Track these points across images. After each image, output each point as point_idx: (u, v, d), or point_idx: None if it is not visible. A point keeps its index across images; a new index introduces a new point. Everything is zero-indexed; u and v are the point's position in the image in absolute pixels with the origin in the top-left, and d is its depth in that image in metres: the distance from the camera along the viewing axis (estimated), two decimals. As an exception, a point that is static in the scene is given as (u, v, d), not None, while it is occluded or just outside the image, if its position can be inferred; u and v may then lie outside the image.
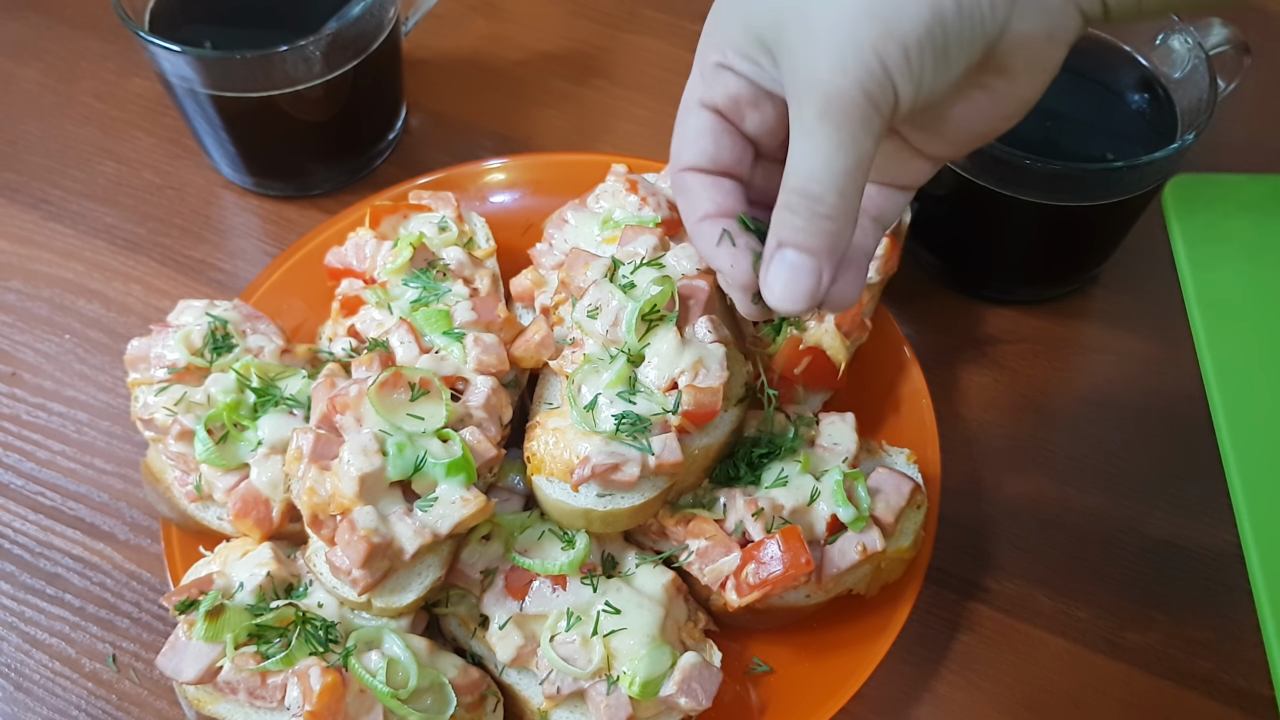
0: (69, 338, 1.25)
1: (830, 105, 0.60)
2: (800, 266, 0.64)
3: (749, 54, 0.65)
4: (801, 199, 0.63)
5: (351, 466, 0.87)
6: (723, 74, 0.68)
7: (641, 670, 0.88)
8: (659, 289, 0.94)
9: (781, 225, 0.64)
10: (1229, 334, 1.20)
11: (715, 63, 0.67)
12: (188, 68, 1.16)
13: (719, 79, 0.68)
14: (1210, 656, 1.03)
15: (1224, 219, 1.30)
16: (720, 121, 0.69)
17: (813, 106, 0.61)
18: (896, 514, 0.95)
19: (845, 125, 0.61)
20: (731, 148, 0.70)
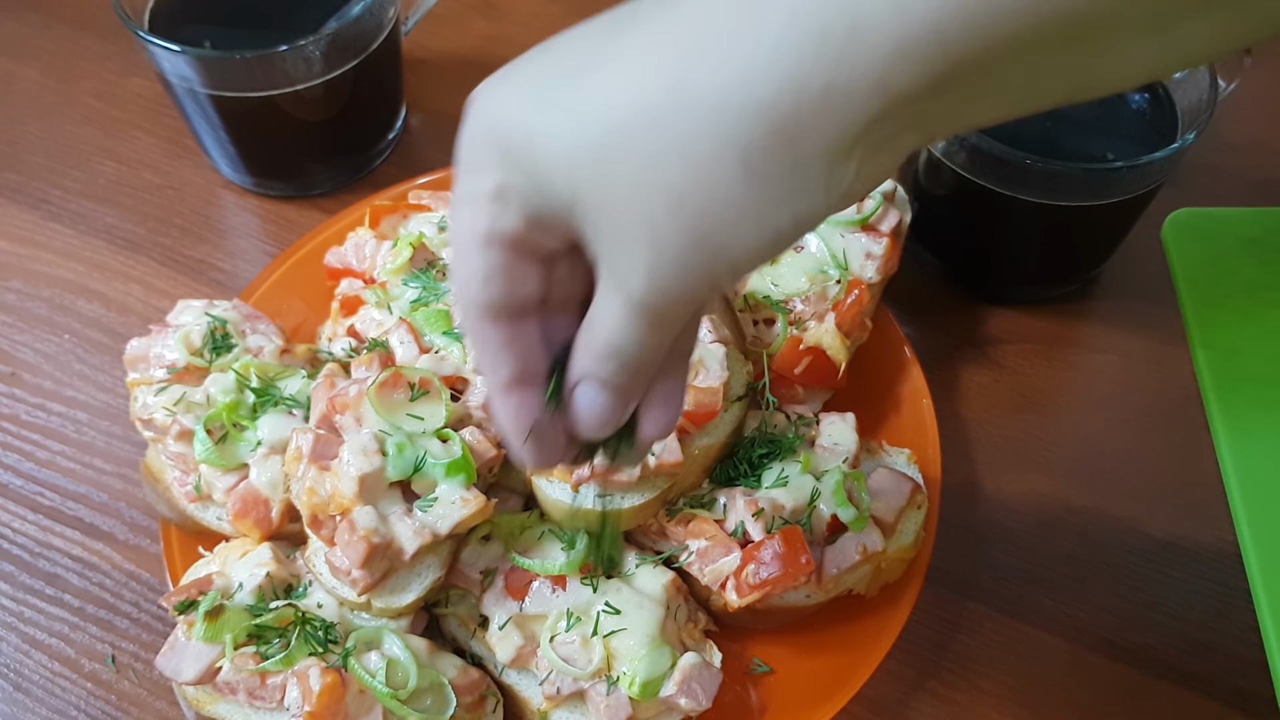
0: (68, 338, 1.25)
1: (644, 309, 0.55)
2: (604, 402, 0.62)
3: (537, 200, 0.54)
4: (609, 360, 0.59)
5: (351, 466, 0.87)
6: (506, 204, 0.56)
7: (641, 670, 0.88)
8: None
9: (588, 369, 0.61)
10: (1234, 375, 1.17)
11: (494, 190, 0.55)
12: (188, 68, 1.16)
13: (503, 209, 0.56)
14: (1210, 656, 1.03)
15: (1226, 256, 1.28)
16: (514, 254, 0.58)
17: (625, 299, 0.55)
18: (896, 514, 0.95)
19: (661, 323, 0.56)
20: (531, 278, 0.60)
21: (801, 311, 1.06)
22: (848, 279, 1.07)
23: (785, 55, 0.45)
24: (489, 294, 0.59)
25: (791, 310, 1.06)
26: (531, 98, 0.53)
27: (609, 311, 0.57)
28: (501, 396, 0.63)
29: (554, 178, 0.53)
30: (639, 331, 0.56)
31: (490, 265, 0.58)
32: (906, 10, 0.43)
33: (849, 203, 0.52)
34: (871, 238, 1.09)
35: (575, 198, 0.53)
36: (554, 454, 0.65)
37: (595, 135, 0.50)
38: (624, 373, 0.60)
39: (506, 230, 0.57)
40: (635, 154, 0.49)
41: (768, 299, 1.07)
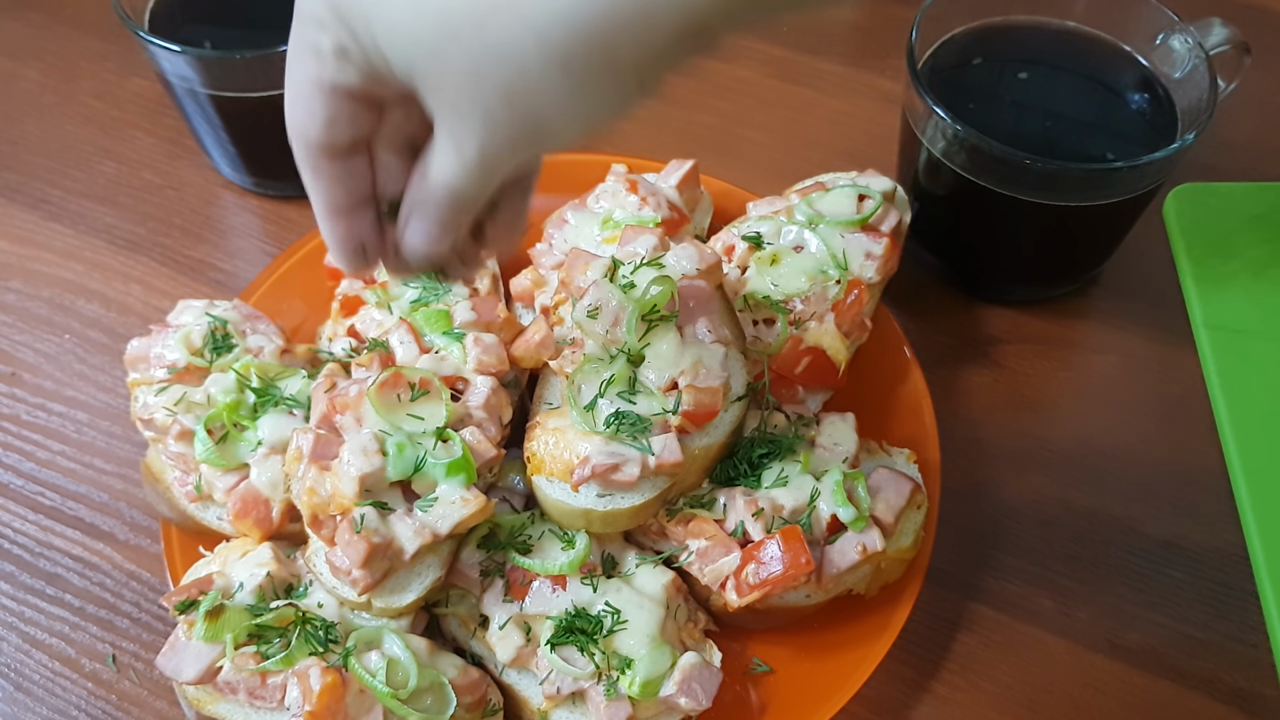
0: (69, 338, 1.25)
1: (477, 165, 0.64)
2: (434, 235, 0.72)
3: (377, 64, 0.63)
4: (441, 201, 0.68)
5: (351, 466, 0.87)
6: (348, 61, 0.64)
7: (641, 670, 0.88)
8: (659, 289, 0.94)
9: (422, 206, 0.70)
10: (1238, 357, 1.16)
11: (335, 47, 0.64)
12: (188, 68, 1.16)
13: (345, 65, 0.64)
14: (1210, 656, 1.03)
15: (1230, 234, 1.25)
16: (352, 102, 0.67)
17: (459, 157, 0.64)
18: (896, 514, 0.95)
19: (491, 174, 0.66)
20: (365, 120, 0.69)
21: (801, 311, 1.06)
22: (848, 279, 1.07)
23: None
24: (329, 136, 0.69)
25: (791, 310, 1.06)
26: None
27: (444, 161, 0.65)
28: (331, 220, 0.73)
29: (392, 56, 0.60)
30: (467, 181, 0.66)
31: (330, 112, 0.67)
32: None
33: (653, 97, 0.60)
34: (871, 238, 1.09)
35: (413, 75, 0.60)
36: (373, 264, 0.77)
37: (429, 31, 0.58)
38: (449, 210, 0.69)
39: (346, 83, 0.65)
40: (467, 53, 0.57)
41: (768, 299, 1.07)
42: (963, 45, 1.19)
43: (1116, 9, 1.16)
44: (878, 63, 1.49)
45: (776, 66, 1.50)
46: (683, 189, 1.16)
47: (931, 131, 1.11)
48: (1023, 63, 1.20)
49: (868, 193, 1.12)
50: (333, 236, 0.74)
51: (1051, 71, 1.20)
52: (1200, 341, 1.18)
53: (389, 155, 0.73)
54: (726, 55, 1.52)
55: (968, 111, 1.10)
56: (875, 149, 1.35)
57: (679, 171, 1.17)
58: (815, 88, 1.47)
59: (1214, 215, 1.27)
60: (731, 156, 1.39)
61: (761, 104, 1.46)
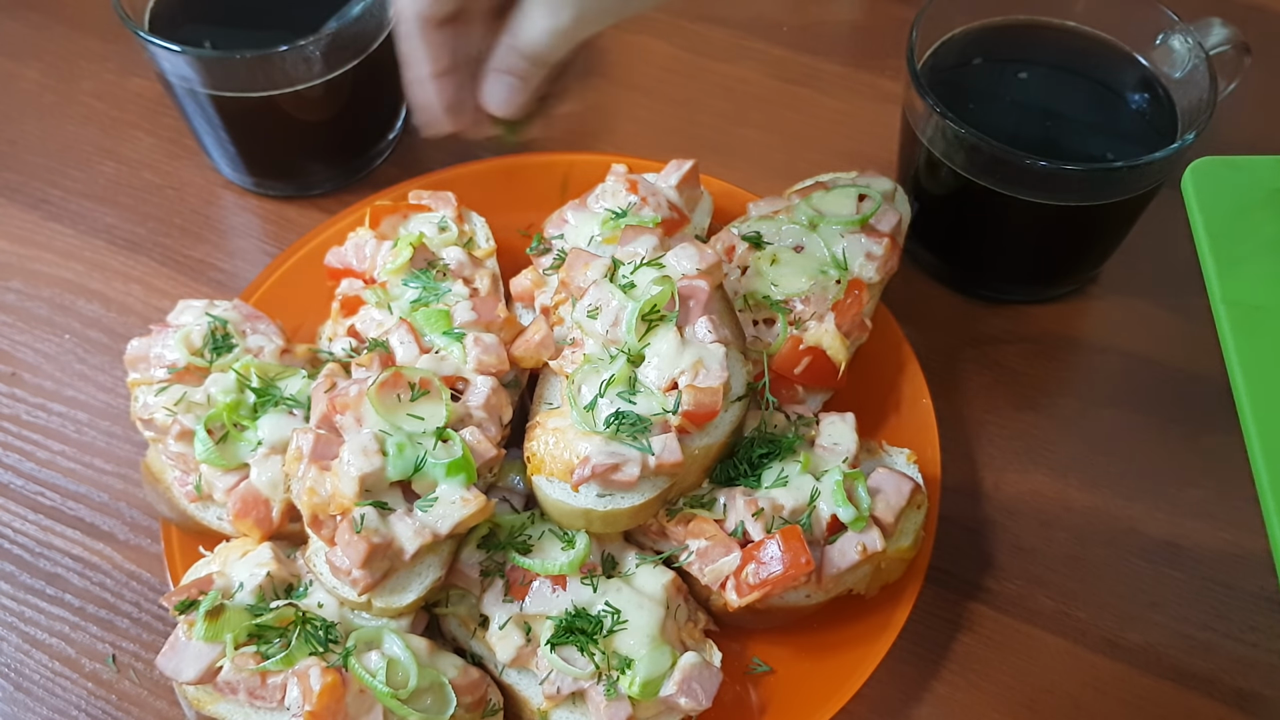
0: (69, 338, 1.25)
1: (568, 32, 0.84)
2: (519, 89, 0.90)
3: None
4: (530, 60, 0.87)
5: (351, 466, 0.87)
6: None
7: (641, 670, 0.88)
8: (659, 289, 0.94)
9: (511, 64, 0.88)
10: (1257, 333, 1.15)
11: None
12: (188, 68, 1.16)
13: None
14: (1210, 656, 1.03)
15: (1250, 209, 1.23)
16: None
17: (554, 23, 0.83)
18: (896, 514, 0.95)
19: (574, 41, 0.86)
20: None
21: (801, 311, 1.06)
22: (848, 279, 1.07)
23: None
24: (435, 8, 0.86)
25: (791, 310, 1.06)
26: None
27: (537, 25, 0.84)
28: (433, 81, 0.90)
29: None
30: (558, 43, 0.85)
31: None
32: None
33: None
34: (871, 238, 1.09)
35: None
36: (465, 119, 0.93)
37: None
38: (535, 70, 0.88)
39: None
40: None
41: (768, 299, 1.07)
42: (963, 45, 1.19)
43: (1116, 9, 1.16)
44: (878, 63, 1.49)
45: (776, 66, 1.50)
46: (683, 189, 1.16)
47: (931, 131, 1.11)
48: (1023, 63, 1.20)
49: (868, 193, 1.12)
50: (432, 96, 0.91)
51: (1051, 71, 1.20)
52: (1219, 317, 1.17)
53: (478, 25, 0.89)
54: (726, 55, 1.52)
55: (968, 111, 1.10)
56: (875, 149, 1.35)
57: (679, 171, 1.17)
58: (815, 88, 1.47)
59: (1233, 190, 1.25)
60: (731, 156, 1.38)
61: (761, 104, 1.46)
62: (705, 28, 1.55)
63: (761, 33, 1.54)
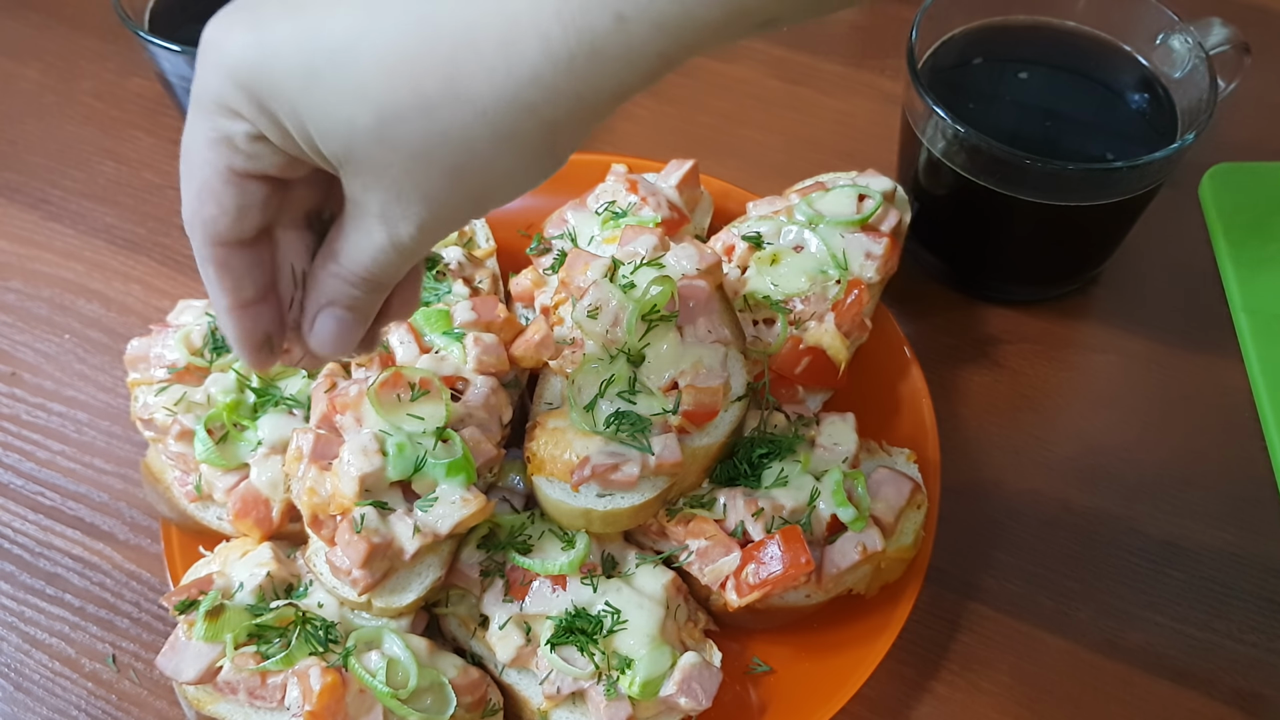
0: (69, 338, 1.25)
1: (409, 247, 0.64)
2: (349, 323, 0.70)
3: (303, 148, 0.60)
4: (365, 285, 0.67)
5: (351, 466, 0.87)
6: (265, 147, 0.61)
7: (641, 670, 0.88)
8: (659, 289, 0.94)
9: (338, 294, 0.68)
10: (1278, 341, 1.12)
11: (249, 133, 0.60)
12: (188, 68, 1.16)
13: (262, 150, 0.61)
14: (1210, 656, 1.03)
15: (1270, 215, 1.20)
16: (265, 188, 0.64)
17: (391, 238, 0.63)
18: (896, 514, 0.95)
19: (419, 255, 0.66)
20: (273, 205, 0.66)
21: (801, 311, 1.06)
22: (848, 279, 1.07)
23: (546, 71, 0.56)
24: (239, 228, 0.64)
25: (791, 310, 1.06)
26: (294, 67, 0.57)
27: (370, 246, 0.64)
28: (238, 315, 0.68)
29: (324, 143, 0.59)
30: (396, 263, 0.65)
31: (243, 200, 0.63)
32: (631, 37, 0.55)
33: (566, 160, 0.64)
34: (871, 238, 1.09)
35: (346, 162, 0.60)
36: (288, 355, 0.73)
37: (370, 119, 0.57)
38: (372, 295, 0.68)
39: (264, 170, 0.62)
40: (413, 138, 0.58)
41: (768, 299, 1.07)
42: (963, 45, 1.19)
43: (1116, 9, 1.16)
44: (878, 63, 1.49)
45: (776, 66, 1.50)
46: (683, 189, 1.16)
47: (931, 131, 1.11)
48: (1023, 63, 1.20)
49: (868, 193, 1.12)
50: (238, 333, 0.69)
51: (1051, 71, 1.20)
52: (1239, 326, 1.15)
53: (290, 232, 0.69)
54: (726, 55, 1.52)
55: (968, 111, 1.10)
56: (875, 149, 1.35)
57: (679, 171, 1.17)
58: (815, 88, 1.47)
59: (1252, 195, 1.22)
60: (731, 156, 1.39)
61: (761, 104, 1.46)
62: (705, 28, 1.55)
63: (761, 33, 1.54)
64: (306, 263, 0.70)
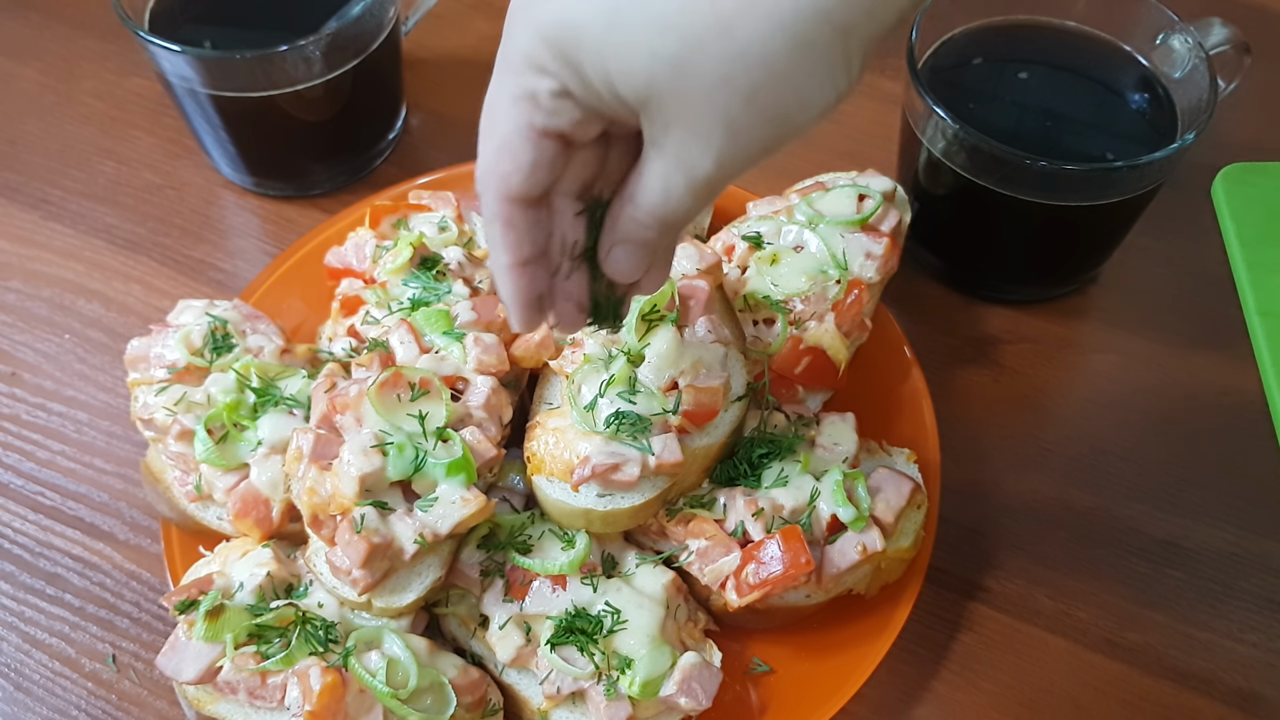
0: (69, 338, 1.25)
1: (707, 185, 0.64)
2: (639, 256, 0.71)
3: (604, 100, 0.62)
4: (660, 224, 0.68)
5: (351, 466, 0.87)
6: (568, 103, 0.63)
7: (641, 670, 0.88)
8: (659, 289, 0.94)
9: (631, 233, 0.69)
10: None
11: (555, 90, 0.63)
12: (188, 68, 1.16)
13: (564, 107, 0.63)
14: (1210, 656, 1.03)
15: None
16: (558, 146, 0.66)
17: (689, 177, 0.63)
18: (896, 514, 0.95)
19: (715, 195, 0.66)
20: (561, 165, 0.68)
21: (801, 311, 1.06)
22: (848, 279, 1.07)
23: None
24: (531, 184, 0.66)
25: (791, 310, 1.06)
26: (599, 10, 0.59)
27: (668, 185, 0.64)
28: (515, 271, 0.70)
29: (625, 83, 0.60)
30: (694, 201, 0.65)
31: (537, 156, 0.65)
32: None
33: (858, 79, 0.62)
34: (871, 238, 1.09)
35: (648, 99, 0.60)
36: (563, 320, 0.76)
37: (672, 47, 0.58)
38: (666, 234, 0.69)
39: (558, 126, 0.64)
40: (714, 60, 0.58)
41: (768, 299, 1.07)
42: (963, 45, 1.19)
43: (1116, 9, 1.16)
44: (878, 63, 1.49)
45: (776, 66, 1.50)
46: (683, 189, 1.16)
47: (931, 131, 1.11)
48: (1023, 63, 1.20)
49: (868, 193, 1.12)
50: (513, 290, 0.71)
51: (1051, 71, 1.20)
52: (1253, 329, 1.13)
53: (566, 201, 0.71)
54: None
55: (968, 111, 1.10)
56: (875, 149, 1.35)
57: (679, 171, 1.17)
58: (815, 88, 1.47)
59: (1265, 196, 1.21)
60: (731, 156, 1.38)
61: (761, 104, 1.46)
62: (705, 28, 1.55)
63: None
64: (579, 234, 0.72)
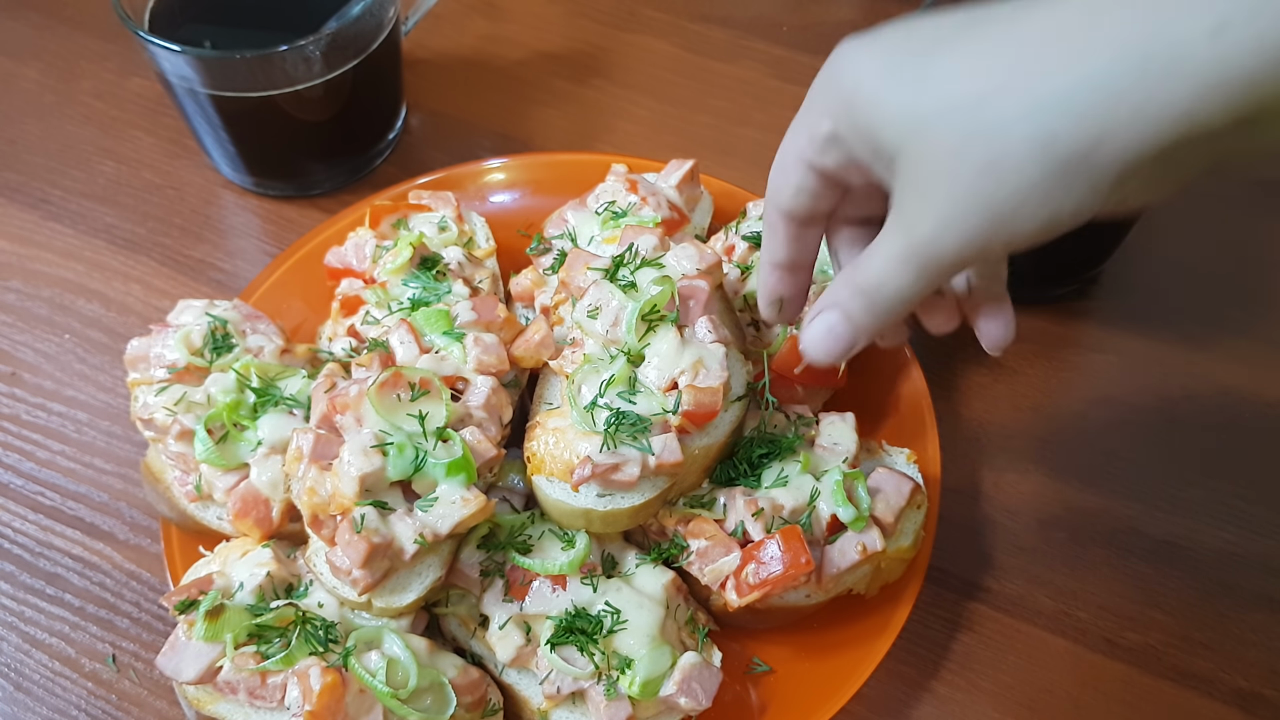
0: (69, 338, 1.25)
1: (920, 255, 0.64)
2: (839, 334, 0.73)
3: (863, 150, 0.67)
4: (865, 295, 0.70)
5: (351, 466, 0.87)
6: (835, 147, 0.70)
7: (641, 670, 0.88)
8: (659, 289, 0.94)
9: (838, 297, 0.72)
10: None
11: (829, 133, 0.69)
12: (188, 68, 1.16)
13: (831, 149, 0.70)
14: (1210, 656, 1.03)
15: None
16: (824, 182, 0.74)
17: (906, 242, 0.65)
18: (896, 514, 0.95)
19: (928, 273, 0.66)
20: (828, 200, 0.76)
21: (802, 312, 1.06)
22: (848, 279, 1.06)
23: (1110, 76, 0.53)
24: (794, 204, 0.76)
25: (791, 310, 1.06)
26: (885, 68, 0.64)
27: (886, 251, 0.67)
28: (766, 268, 0.82)
29: (884, 137, 0.64)
30: (905, 274, 0.66)
31: (801, 183, 0.75)
32: (1225, 46, 0.49)
33: (1127, 208, 0.60)
34: (871, 238, 1.09)
35: (897, 154, 0.63)
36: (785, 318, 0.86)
37: (929, 108, 0.61)
38: (870, 311, 0.70)
39: (826, 165, 0.72)
40: (955, 129, 0.59)
41: (768, 299, 1.07)
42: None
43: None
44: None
45: (776, 66, 1.50)
46: (682, 189, 1.16)
47: (931, 131, 1.11)
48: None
49: (868, 193, 1.12)
50: (761, 285, 0.84)
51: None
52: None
53: (845, 230, 0.81)
54: (726, 55, 1.52)
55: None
56: (875, 149, 1.35)
57: (679, 171, 1.17)
58: (815, 88, 1.47)
59: None
60: (731, 156, 1.39)
61: (761, 104, 1.46)
62: (705, 28, 1.55)
63: (761, 33, 1.54)
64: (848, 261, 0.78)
